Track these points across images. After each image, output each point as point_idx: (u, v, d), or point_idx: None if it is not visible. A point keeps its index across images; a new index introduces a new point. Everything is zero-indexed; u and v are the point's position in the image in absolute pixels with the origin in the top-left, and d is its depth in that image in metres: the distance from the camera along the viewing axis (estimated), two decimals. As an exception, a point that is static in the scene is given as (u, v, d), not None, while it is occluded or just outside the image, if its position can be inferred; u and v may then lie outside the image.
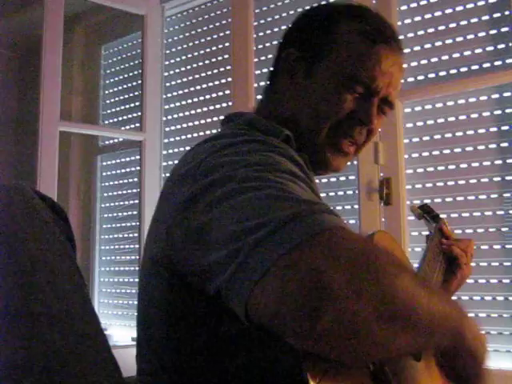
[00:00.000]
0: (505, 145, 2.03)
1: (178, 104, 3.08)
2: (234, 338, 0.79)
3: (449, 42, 2.17)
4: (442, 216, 1.43)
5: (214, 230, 0.71)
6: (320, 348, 0.63)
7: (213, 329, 0.80)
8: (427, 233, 1.43)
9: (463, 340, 0.74)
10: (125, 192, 3.26)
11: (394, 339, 0.63)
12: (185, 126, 3.03)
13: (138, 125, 3.10)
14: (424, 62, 2.22)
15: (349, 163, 1.13)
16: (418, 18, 2.26)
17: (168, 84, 3.12)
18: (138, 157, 3.04)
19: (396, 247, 1.14)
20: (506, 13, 2.05)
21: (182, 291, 0.82)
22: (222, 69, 2.89)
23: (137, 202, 3.02)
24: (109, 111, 3.44)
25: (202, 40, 3.02)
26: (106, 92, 3.47)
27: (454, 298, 0.92)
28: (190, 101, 3.03)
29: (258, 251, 0.64)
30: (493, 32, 2.09)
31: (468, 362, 0.78)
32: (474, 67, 2.12)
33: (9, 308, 0.71)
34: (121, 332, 3.09)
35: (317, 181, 1.06)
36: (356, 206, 2.28)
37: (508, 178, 2.01)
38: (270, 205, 0.68)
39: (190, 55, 3.07)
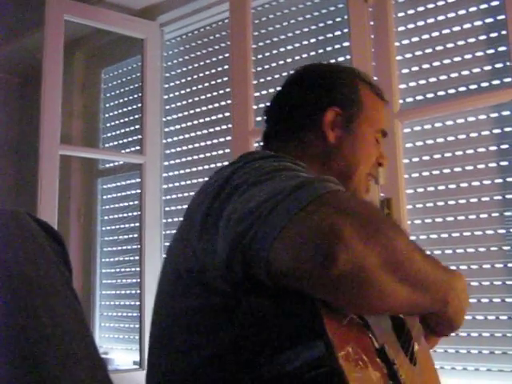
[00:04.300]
0: (505, 163, 2.03)
1: (177, 127, 3.09)
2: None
3: (447, 62, 2.19)
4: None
5: (241, 210, 0.77)
6: (334, 292, 0.70)
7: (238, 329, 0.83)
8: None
9: (448, 309, 0.84)
10: (125, 215, 3.26)
11: (396, 288, 0.71)
12: (185, 148, 3.04)
13: (138, 148, 3.10)
14: (422, 82, 2.23)
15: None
16: (415, 39, 2.27)
17: (168, 107, 3.13)
18: (138, 180, 3.05)
19: None
20: (503, 32, 2.06)
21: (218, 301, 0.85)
22: (221, 91, 2.90)
23: (137, 224, 3.02)
24: (109, 134, 3.45)
25: (202, 63, 3.04)
26: (106, 115, 3.48)
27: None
28: (189, 123, 3.04)
29: (275, 212, 0.72)
30: (490, 51, 2.11)
31: (445, 330, 0.95)
32: (473, 86, 2.13)
33: (3, 332, 0.70)
34: (123, 356, 3.07)
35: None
36: (357, 227, 2.27)
37: (508, 196, 2.01)
38: (284, 181, 0.78)
39: (189, 78, 3.09)
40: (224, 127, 2.86)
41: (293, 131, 1.18)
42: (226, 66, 2.86)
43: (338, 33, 2.50)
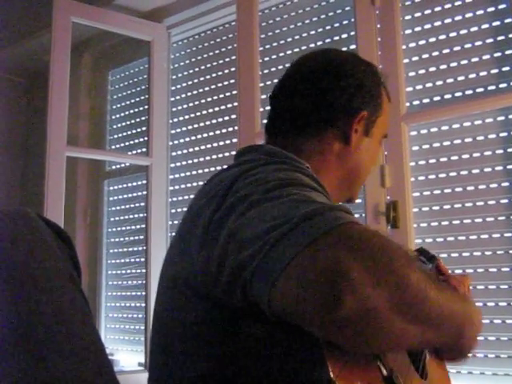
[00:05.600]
0: (511, 167, 2.02)
1: (184, 129, 3.10)
2: (258, 346, 0.80)
3: (453, 65, 2.18)
4: (438, 255, 1.44)
5: (243, 233, 0.74)
6: (339, 335, 0.66)
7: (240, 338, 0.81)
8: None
9: (462, 339, 0.79)
10: (132, 217, 3.26)
11: (406, 329, 0.66)
12: (191, 150, 3.05)
13: (144, 150, 3.11)
14: (429, 85, 2.23)
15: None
16: (422, 42, 2.27)
17: (174, 109, 3.14)
18: (144, 181, 3.05)
19: None
20: (510, 35, 2.06)
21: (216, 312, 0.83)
22: (228, 94, 2.91)
23: (144, 226, 3.03)
24: (116, 136, 3.46)
25: (208, 65, 3.04)
26: (113, 117, 3.49)
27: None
28: (196, 125, 3.05)
29: (280, 245, 0.67)
30: (497, 55, 2.10)
31: (455, 357, 0.91)
32: (479, 90, 2.12)
33: (11, 333, 0.70)
34: (128, 357, 3.08)
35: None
36: (363, 229, 2.26)
37: (515, 200, 2.00)
38: (292, 207, 0.72)
39: (196, 80, 3.09)
40: (230, 129, 2.86)
41: (316, 128, 1.11)
42: (233, 69, 2.86)
43: (344, 35, 2.50)
